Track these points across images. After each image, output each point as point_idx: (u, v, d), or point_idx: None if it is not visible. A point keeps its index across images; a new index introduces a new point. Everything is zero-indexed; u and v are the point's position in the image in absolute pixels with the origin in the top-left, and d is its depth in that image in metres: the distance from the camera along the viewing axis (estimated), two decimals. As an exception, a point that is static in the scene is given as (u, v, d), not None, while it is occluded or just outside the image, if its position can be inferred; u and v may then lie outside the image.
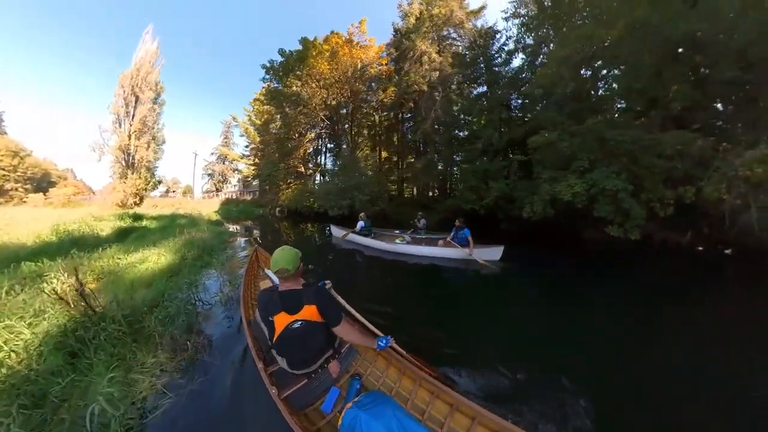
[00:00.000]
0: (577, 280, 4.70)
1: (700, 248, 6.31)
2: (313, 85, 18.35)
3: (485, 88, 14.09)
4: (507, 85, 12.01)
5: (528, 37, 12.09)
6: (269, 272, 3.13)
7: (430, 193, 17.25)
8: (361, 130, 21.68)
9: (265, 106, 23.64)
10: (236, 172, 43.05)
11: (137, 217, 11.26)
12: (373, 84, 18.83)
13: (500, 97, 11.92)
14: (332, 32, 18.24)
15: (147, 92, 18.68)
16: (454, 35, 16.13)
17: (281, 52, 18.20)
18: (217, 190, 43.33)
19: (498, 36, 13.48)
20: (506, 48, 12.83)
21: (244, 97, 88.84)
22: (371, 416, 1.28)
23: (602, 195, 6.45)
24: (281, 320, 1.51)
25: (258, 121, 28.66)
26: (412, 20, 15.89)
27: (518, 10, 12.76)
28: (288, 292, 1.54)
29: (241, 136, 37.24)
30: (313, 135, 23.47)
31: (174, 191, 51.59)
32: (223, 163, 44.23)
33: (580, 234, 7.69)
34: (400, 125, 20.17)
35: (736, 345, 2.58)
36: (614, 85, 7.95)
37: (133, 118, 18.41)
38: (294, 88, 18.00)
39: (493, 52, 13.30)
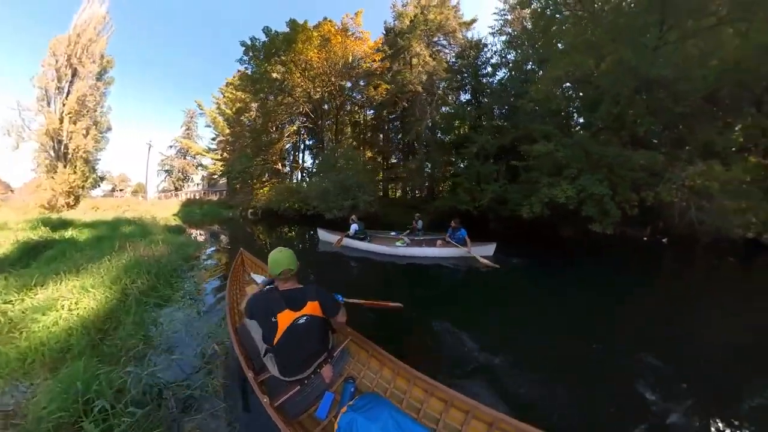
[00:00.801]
0: (560, 269, 5.76)
1: (645, 238, 7.99)
2: (297, 73, 16.58)
3: (469, 96, 15.04)
4: (494, 95, 12.78)
5: (511, 54, 13.36)
6: (257, 277, 3.22)
7: (417, 194, 17.22)
8: (344, 128, 20.51)
9: (239, 93, 20.87)
10: (200, 168, 37.04)
11: (61, 225, 8.14)
12: (361, 80, 17.85)
13: (489, 106, 12.46)
14: (325, 19, 16.62)
15: (89, 65, 15.02)
16: (443, 42, 16.79)
17: (266, 30, 15.95)
18: (177, 189, 36.61)
19: (486, 49, 14.33)
20: (492, 61, 13.78)
21: (212, 83, 74.88)
22: (367, 419, 1.27)
23: (590, 198, 6.86)
24: (286, 318, 1.53)
25: (229, 111, 24.93)
26: (406, 22, 15.67)
27: (503, 28, 14.06)
28: (290, 290, 1.62)
29: (207, 126, 31.86)
30: (294, 128, 21.42)
31: (122, 190, 40.75)
32: (185, 158, 37.89)
33: (558, 231, 8.47)
34: (386, 125, 19.96)
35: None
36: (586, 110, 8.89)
37: (67, 96, 14.40)
38: (275, 75, 16.15)
39: (479, 63, 14.13)
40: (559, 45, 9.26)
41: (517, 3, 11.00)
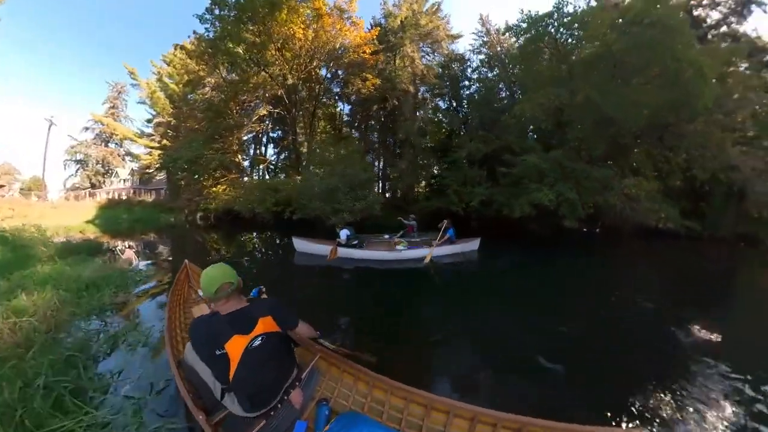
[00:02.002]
0: (532, 257, 7.71)
1: (585, 229, 11.01)
2: (273, 49, 13.98)
3: (448, 104, 16.77)
4: (476, 107, 14.63)
5: (485, 70, 15.76)
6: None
7: (398, 194, 18.09)
8: (318, 122, 19.15)
9: (193, 63, 16.43)
10: (129, 159, 29.15)
11: None
12: (341, 70, 16.58)
13: (474, 117, 14.28)
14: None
15: None
16: (426, 49, 17.73)
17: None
18: (95, 186, 28.33)
19: (467, 64, 16.35)
20: (473, 76, 15.96)
21: (150, 47, 53.60)
22: None
23: (565, 201, 8.98)
24: (237, 346, 1.25)
25: (175, 86, 20.03)
26: (397, 22, 16.15)
27: (481, 48, 16.25)
28: (235, 313, 1.31)
29: (141, 103, 24.77)
30: (264, 112, 17.92)
31: (2, 186, 27.65)
32: (106, 145, 29.13)
33: (525, 227, 10.81)
34: (369, 121, 19.64)
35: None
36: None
37: None
38: (247, 41, 13.03)
39: (458, 73, 16.06)
40: (537, 73, 11.59)
41: (505, 30, 12.99)
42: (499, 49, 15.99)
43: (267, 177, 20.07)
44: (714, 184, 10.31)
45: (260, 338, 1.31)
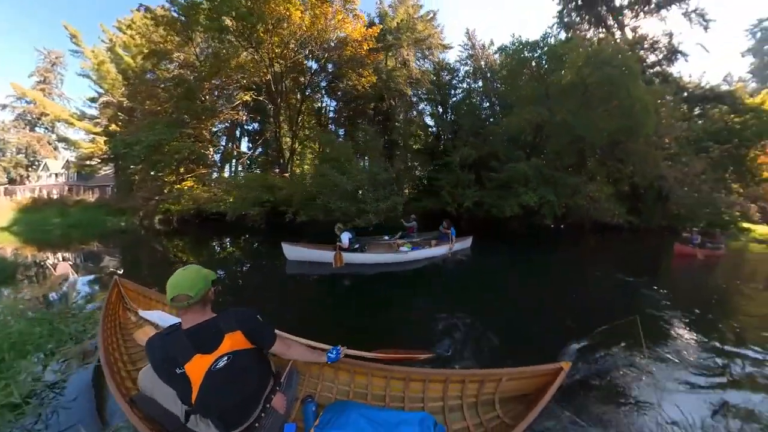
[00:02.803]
0: (516, 251, 9.30)
1: (552, 225, 12.97)
2: (262, 30, 12.37)
3: (439, 109, 18.13)
4: (465, 116, 15.96)
5: (470, 80, 17.20)
6: (150, 314, 2.32)
7: None
8: (303, 116, 17.86)
9: (158, 32, 13.61)
10: (64, 146, 23.64)
11: None
12: (330, 64, 15.72)
13: (465, 124, 15.75)
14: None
15: None
16: (418, 54, 18.67)
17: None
18: (13, 181, 22.80)
19: (456, 73, 17.59)
20: (461, 86, 17.32)
21: (102, 9, 44.33)
22: (338, 429, 1.27)
23: (547, 203, 11.08)
24: (198, 366, 1.08)
25: (131, 61, 16.83)
26: (394, 23, 16.68)
27: (467, 60, 17.71)
28: (196, 327, 1.13)
29: (83, 76, 19.74)
30: (246, 97, 15.15)
31: None
32: (33, 129, 23.34)
33: (507, 226, 12.70)
34: (355, 119, 19.35)
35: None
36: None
37: None
38: (235, 12, 11.30)
39: (448, 81, 17.37)
40: (520, 92, 13.60)
41: (496, 50, 14.77)
42: (483, 63, 17.64)
43: (241, 173, 18.41)
44: (648, 189, 13.44)
45: (226, 358, 1.11)
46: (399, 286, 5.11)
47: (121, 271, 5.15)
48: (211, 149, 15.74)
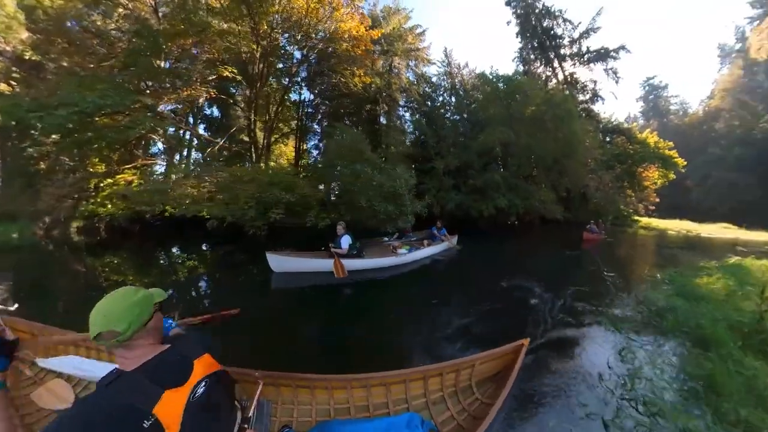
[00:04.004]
0: (488, 244, 11.24)
1: (508, 222, 16.84)
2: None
3: (425, 119, 20.89)
4: (446, 129, 19.05)
5: (444, 95, 20.03)
6: (54, 362, 1.73)
7: None
8: (281, 108, 16.71)
9: None
10: None
11: None
12: (313, 55, 14.99)
13: (447, 136, 18.77)
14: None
15: None
16: (401, 64, 21.01)
17: None
18: None
19: (436, 89, 20.15)
20: (439, 99, 19.85)
21: None
22: None
23: (513, 205, 15.05)
24: (173, 404, 0.81)
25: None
26: (387, 30, 17.82)
27: (444, 77, 20.34)
28: (152, 363, 0.85)
29: None
30: (227, 74, 12.53)
31: None
32: None
33: (477, 224, 15.84)
34: (337, 117, 18.92)
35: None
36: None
37: None
38: None
39: (430, 93, 19.80)
40: (492, 115, 17.27)
41: (477, 77, 18.15)
42: (457, 81, 20.50)
43: (194, 167, 14.83)
44: (577, 193, 18.55)
45: (204, 383, 0.89)
46: (397, 289, 5.06)
47: (14, 308, 3.19)
48: (161, 132, 11.77)
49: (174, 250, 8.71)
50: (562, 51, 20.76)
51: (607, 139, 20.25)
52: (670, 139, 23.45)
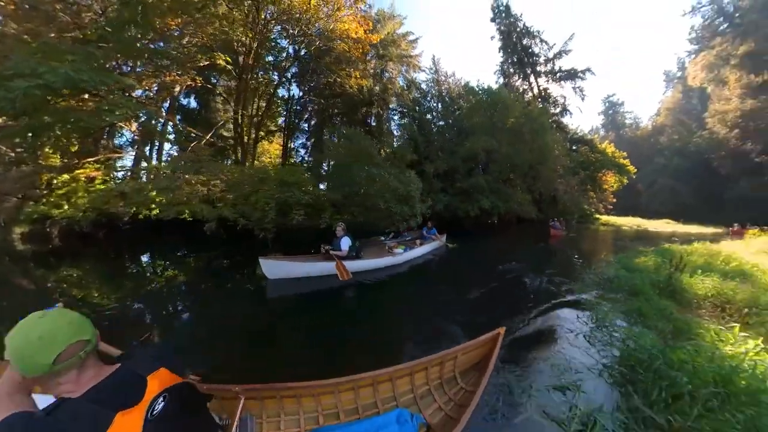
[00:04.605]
0: (472, 241, 12.23)
1: (489, 221, 18.66)
2: None
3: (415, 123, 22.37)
4: (436, 135, 20.71)
5: (436, 104, 21.65)
6: None
7: None
8: (271, 104, 16.17)
9: None
10: None
11: None
12: (304, 50, 14.62)
13: (436, 142, 20.36)
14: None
15: None
16: (394, 69, 22.27)
17: None
18: None
19: (426, 95, 21.57)
20: (427, 105, 21.34)
21: None
22: None
23: (495, 206, 16.92)
24: (129, 423, 0.71)
25: None
26: (383, 34, 18.59)
27: (432, 85, 21.94)
28: (102, 385, 0.76)
29: None
30: (220, 62, 11.14)
31: None
32: None
33: (462, 224, 17.55)
34: (322, 115, 19.26)
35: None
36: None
37: None
38: None
39: (420, 99, 21.12)
40: (477, 125, 19.12)
41: (464, 89, 19.86)
42: (443, 88, 22.09)
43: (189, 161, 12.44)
44: (548, 195, 20.98)
45: (162, 399, 0.79)
46: (394, 288, 5.16)
47: None
48: (133, 120, 10.03)
49: (147, 257, 7.63)
50: (538, 68, 23.29)
51: (573, 148, 23.05)
52: (624, 149, 27.20)
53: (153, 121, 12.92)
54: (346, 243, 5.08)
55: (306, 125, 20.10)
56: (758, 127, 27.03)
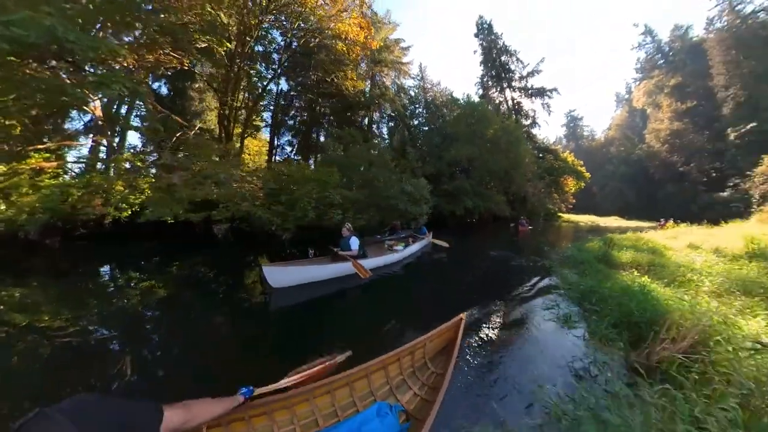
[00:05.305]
0: (453, 237, 14.89)
1: (469, 220, 21.41)
2: None
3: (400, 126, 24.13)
4: (423, 140, 22.67)
5: (423, 110, 23.75)
6: None
7: None
8: (258, 97, 15.23)
9: None
10: None
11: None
12: (295, 42, 14.10)
13: (424, 148, 22.32)
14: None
15: None
16: (387, 75, 23.81)
17: None
18: None
19: (415, 102, 23.58)
20: (415, 111, 23.32)
21: None
22: None
23: (477, 207, 19.28)
24: None
25: None
26: (378, 38, 19.49)
27: (419, 93, 23.93)
28: None
29: None
30: (221, 50, 10.28)
31: None
32: None
33: (446, 222, 19.84)
34: (311, 111, 19.21)
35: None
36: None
37: None
38: None
39: (408, 105, 23.05)
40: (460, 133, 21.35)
41: (449, 100, 21.97)
42: (429, 96, 24.21)
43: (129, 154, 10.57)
44: (519, 197, 23.91)
45: None
46: (394, 283, 5.31)
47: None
48: (96, 106, 8.61)
49: (113, 268, 6.31)
50: (513, 83, 26.26)
51: (541, 156, 26.38)
52: (581, 157, 31.58)
53: (115, 106, 11.03)
54: (355, 242, 5.02)
55: (292, 122, 19.88)
56: (682, 143, 33.64)
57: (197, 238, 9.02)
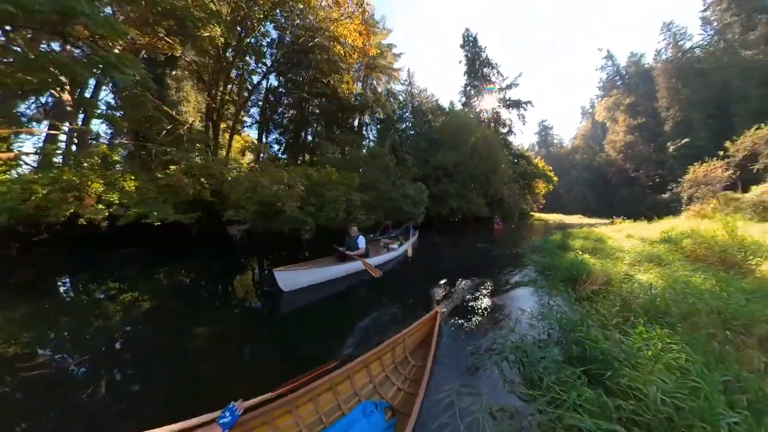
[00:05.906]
0: (438, 235, 18.53)
1: (451, 219, 23.56)
2: None
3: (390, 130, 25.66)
4: (411, 145, 24.38)
5: (410, 116, 25.51)
6: None
7: None
8: (247, 93, 15.08)
9: None
10: None
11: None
12: (288, 37, 14.01)
13: (412, 153, 24.00)
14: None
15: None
16: (373, 82, 25.07)
17: None
18: None
19: (403, 108, 25.11)
20: (404, 116, 24.91)
21: None
22: None
23: (461, 207, 21.26)
24: None
25: None
26: (373, 43, 19.93)
27: (407, 98, 25.57)
28: None
29: None
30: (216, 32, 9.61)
31: None
32: None
33: (431, 222, 21.66)
34: (300, 108, 18.97)
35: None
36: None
37: None
38: None
39: (396, 109, 24.38)
40: (446, 139, 23.33)
41: (436, 107, 23.76)
42: (416, 101, 25.49)
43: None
44: (496, 199, 26.35)
45: None
46: (395, 278, 5.60)
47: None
48: (66, 91, 7.60)
49: (87, 278, 5.43)
50: (493, 94, 28.75)
51: (516, 161, 29.15)
52: (550, 163, 35.14)
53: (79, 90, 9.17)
54: (363, 242, 5.05)
55: (281, 119, 19.61)
56: (633, 153, 39.20)
57: (201, 239, 8.85)
